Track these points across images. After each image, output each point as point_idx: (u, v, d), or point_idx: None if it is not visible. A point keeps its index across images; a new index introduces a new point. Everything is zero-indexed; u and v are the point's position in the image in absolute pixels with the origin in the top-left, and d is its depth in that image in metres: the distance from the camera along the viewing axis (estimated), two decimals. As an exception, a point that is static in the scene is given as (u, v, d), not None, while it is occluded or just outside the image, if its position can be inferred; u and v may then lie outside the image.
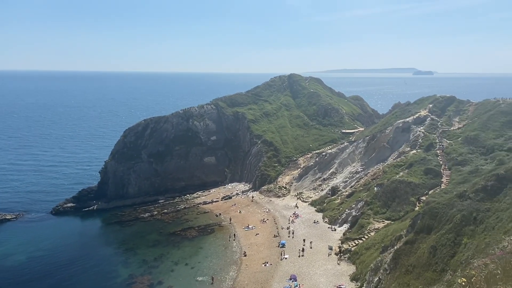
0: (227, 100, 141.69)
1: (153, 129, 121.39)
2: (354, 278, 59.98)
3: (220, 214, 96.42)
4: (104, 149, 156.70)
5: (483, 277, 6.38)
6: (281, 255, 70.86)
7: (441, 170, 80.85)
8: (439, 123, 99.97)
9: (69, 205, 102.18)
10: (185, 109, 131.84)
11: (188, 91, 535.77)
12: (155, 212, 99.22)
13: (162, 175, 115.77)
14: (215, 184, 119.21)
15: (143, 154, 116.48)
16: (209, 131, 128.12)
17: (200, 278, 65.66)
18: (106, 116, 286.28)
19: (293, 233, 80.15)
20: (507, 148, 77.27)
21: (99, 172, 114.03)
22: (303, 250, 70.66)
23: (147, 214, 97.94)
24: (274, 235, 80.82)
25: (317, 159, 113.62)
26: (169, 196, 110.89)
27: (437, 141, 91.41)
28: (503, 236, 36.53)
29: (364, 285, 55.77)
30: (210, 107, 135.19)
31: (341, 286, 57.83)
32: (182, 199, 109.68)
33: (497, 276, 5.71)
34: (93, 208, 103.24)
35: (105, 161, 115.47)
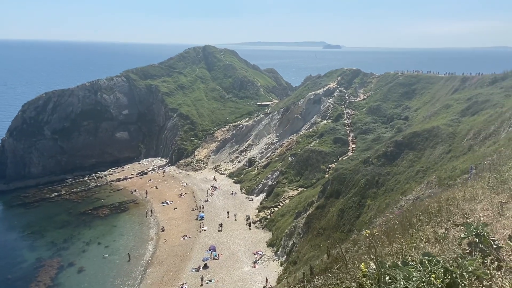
0: (139, 72, 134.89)
1: (56, 103, 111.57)
2: (270, 244, 62.71)
3: (135, 190, 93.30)
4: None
5: (383, 231, 6.91)
6: (200, 227, 71.21)
7: (348, 139, 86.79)
8: (346, 94, 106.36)
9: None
10: (92, 81, 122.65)
11: (94, 62, 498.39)
12: (63, 192, 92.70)
13: (69, 153, 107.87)
14: (129, 160, 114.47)
15: (46, 131, 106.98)
16: (120, 105, 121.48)
17: (115, 257, 63.51)
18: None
19: (203, 207, 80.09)
20: (404, 117, 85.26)
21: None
22: (221, 225, 70.74)
23: (54, 194, 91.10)
24: (193, 209, 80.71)
25: (234, 131, 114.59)
26: (78, 175, 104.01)
27: (344, 111, 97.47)
28: (400, 197, 40.58)
29: (280, 249, 58.69)
30: (121, 79, 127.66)
31: (258, 252, 60.15)
32: (93, 177, 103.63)
33: (396, 227, 6.24)
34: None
35: (1, 139, 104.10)
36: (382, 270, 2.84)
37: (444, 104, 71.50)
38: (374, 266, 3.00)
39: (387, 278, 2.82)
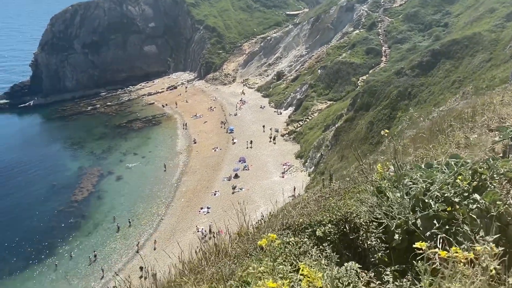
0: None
1: (83, 16, 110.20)
2: (298, 155, 63.99)
3: (166, 104, 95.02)
4: (27, 43, 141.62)
5: (411, 138, 6.66)
6: (230, 140, 72.96)
7: (382, 49, 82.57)
8: (382, 0, 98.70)
9: (2, 101, 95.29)
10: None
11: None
12: (98, 105, 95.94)
13: (100, 67, 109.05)
14: (159, 75, 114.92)
15: (76, 45, 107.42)
16: (146, 17, 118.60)
17: (151, 167, 67.04)
18: (21, 3, 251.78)
19: (225, 123, 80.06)
20: (444, 24, 79.05)
21: (30, 66, 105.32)
22: (251, 142, 70.01)
23: (90, 108, 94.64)
24: (222, 122, 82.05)
25: (261, 44, 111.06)
26: (110, 89, 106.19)
27: (379, 19, 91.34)
28: (433, 108, 39.32)
29: (308, 161, 59.95)
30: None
31: (287, 164, 61.77)
32: (125, 91, 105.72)
33: (424, 136, 5.98)
34: (30, 104, 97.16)
35: (34, 53, 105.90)
36: (401, 171, 2.64)
37: (488, 8, 65.33)
38: (393, 168, 2.81)
39: (406, 180, 2.63)
